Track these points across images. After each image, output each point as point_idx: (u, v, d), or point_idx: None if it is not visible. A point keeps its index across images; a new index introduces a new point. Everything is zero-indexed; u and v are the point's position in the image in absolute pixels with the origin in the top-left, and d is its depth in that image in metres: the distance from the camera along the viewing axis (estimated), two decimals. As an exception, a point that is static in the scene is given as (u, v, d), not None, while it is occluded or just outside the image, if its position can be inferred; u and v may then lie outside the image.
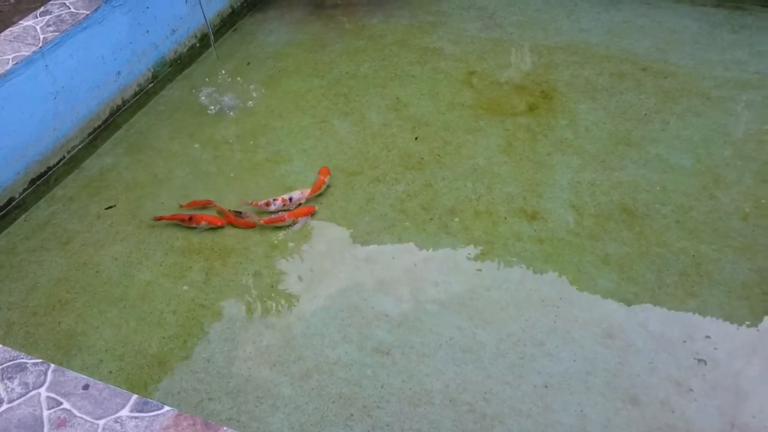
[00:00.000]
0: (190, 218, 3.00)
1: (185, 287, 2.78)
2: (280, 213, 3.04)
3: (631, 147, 3.28)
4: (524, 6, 4.38)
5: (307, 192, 3.10)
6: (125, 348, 2.59)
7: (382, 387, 2.41)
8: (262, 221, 3.00)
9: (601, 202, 3.03)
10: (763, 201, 2.98)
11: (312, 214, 3.04)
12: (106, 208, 3.14)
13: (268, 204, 3.06)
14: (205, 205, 3.11)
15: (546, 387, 2.38)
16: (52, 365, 1.95)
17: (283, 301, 2.72)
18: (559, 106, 3.55)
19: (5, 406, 1.83)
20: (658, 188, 3.07)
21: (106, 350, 2.58)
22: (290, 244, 2.94)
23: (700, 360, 2.43)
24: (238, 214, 3.03)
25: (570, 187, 3.11)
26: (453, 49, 4.02)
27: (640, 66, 3.79)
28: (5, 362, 1.95)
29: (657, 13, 4.21)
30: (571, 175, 3.16)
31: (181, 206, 3.13)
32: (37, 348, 2.60)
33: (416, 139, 3.41)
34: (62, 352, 2.59)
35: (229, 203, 3.13)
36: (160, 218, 3.05)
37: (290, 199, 3.07)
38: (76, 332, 2.65)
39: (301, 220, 3.01)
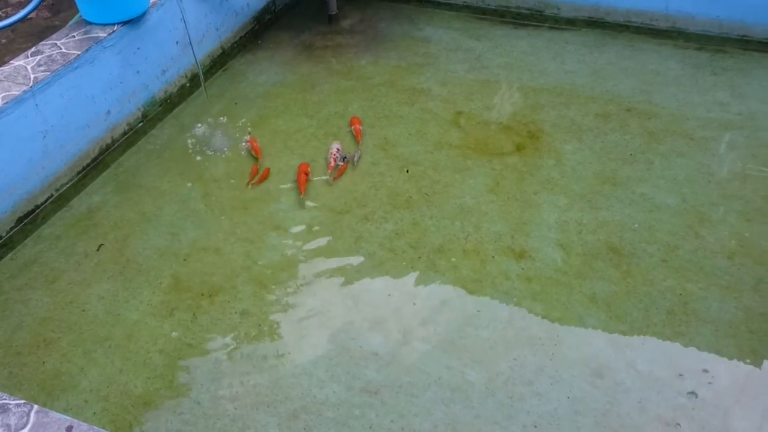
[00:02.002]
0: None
1: (174, 333, 2.76)
2: (339, 165, 3.51)
3: (617, 187, 3.32)
4: (510, 48, 4.46)
5: (337, 145, 3.60)
6: (110, 388, 2.55)
7: (370, 427, 2.39)
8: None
9: (587, 241, 3.05)
10: (748, 240, 3.01)
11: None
12: (97, 249, 3.13)
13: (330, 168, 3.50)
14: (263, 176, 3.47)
15: (535, 427, 2.37)
16: (36, 406, 1.92)
17: (270, 340, 2.71)
18: (545, 146, 3.60)
19: (-13, 448, 1.80)
20: (644, 227, 3.10)
21: (91, 390, 2.55)
22: (279, 283, 2.94)
23: (688, 399, 2.43)
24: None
25: (557, 226, 3.13)
26: (440, 90, 4.08)
27: (625, 107, 3.85)
28: (-12, 403, 1.92)
29: (640, 56, 4.30)
30: (557, 214, 3.19)
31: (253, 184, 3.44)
32: (21, 388, 2.56)
33: (407, 171, 3.44)
34: (46, 392, 2.55)
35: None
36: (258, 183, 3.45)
37: (337, 150, 3.56)
38: (60, 372, 2.62)
39: (356, 153, 3.58)
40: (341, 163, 3.51)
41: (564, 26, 4.67)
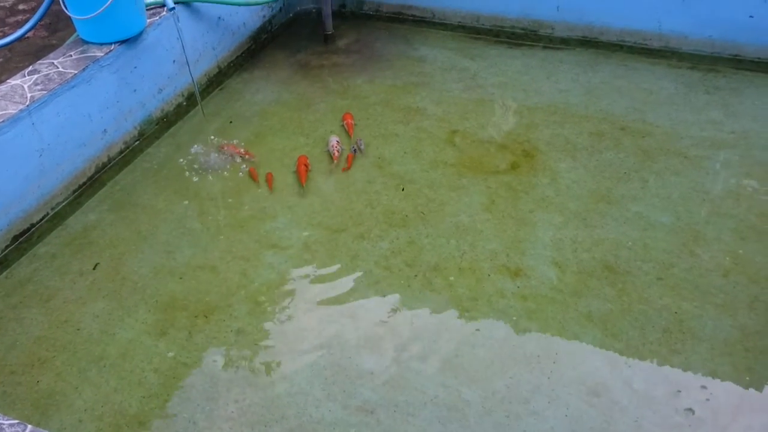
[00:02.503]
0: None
1: (169, 352, 2.75)
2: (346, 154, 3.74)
3: (612, 205, 3.34)
4: (505, 68, 4.49)
5: (335, 138, 3.81)
6: (105, 408, 2.54)
7: (366, 447, 2.38)
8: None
9: (583, 259, 3.06)
10: (742, 258, 3.02)
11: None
12: (93, 268, 3.12)
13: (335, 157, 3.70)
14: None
15: (532, 446, 2.36)
16: (30, 426, 1.91)
17: (266, 359, 2.70)
18: (540, 164, 3.61)
19: (-20, 468, 1.79)
20: (639, 245, 3.11)
21: (85, 410, 2.54)
22: (274, 302, 2.93)
23: (685, 417, 2.43)
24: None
25: (552, 244, 3.14)
26: (436, 109, 4.10)
27: (619, 126, 3.88)
28: (-19, 423, 1.91)
29: (634, 75, 4.34)
30: (553, 232, 3.20)
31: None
32: (14, 408, 2.55)
33: (402, 190, 3.45)
34: (40, 412, 2.53)
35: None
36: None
37: (337, 142, 3.76)
38: (54, 391, 2.61)
39: (359, 141, 3.80)
40: (350, 152, 3.72)
41: (558, 46, 4.71)
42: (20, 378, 2.66)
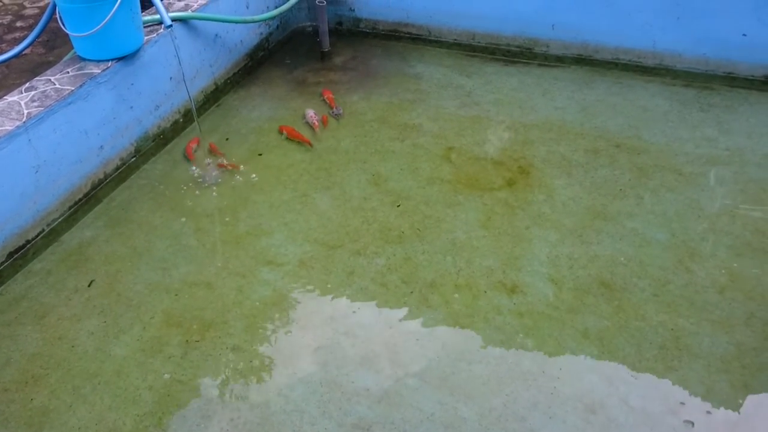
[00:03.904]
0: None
1: (164, 369, 2.74)
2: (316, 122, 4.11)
3: (608, 221, 3.34)
4: (500, 85, 4.52)
5: (311, 110, 4.21)
6: (99, 426, 2.52)
7: (362, 465, 2.36)
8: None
9: (579, 275, 3.06)
10: (738, 274, 3.03)
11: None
12: (88, 285, 3.11)
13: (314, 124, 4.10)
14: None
15: (529, 464, 2.35)
16: (23, 444, 1.90)
17: (262, 376, 2.69)
18: (536, 181, 3.62)
19: (-28, 487, 1.77)
20: (634, 262, 3.11)
21: (79, 428, 2.52)
22: (270, 318, 2.92)
23: (682, 435, 2.42)
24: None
25: (548, 260, 3.14)
26: (432, 126, 4.12)
27: (614, 143, 3.89)
28: (-26, 441, 1.90)
29: (629, 92, 4.36)
30: (549, 249, 3.20)
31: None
32: (8, 426, 2.52)
33: (398, 206, 3.45)
34: (33, 430, 2.51)
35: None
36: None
37: (314, 113, 4.18)
38: (48, 409, 2.59)
39: (338, 108, 4.23)
40: (324, 115, 4.16)
41: (553, 63, 4.74)
42: (14, 395, 2.64)
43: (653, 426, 2.45)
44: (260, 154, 3.90)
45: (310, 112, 4.14)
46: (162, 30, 3.86)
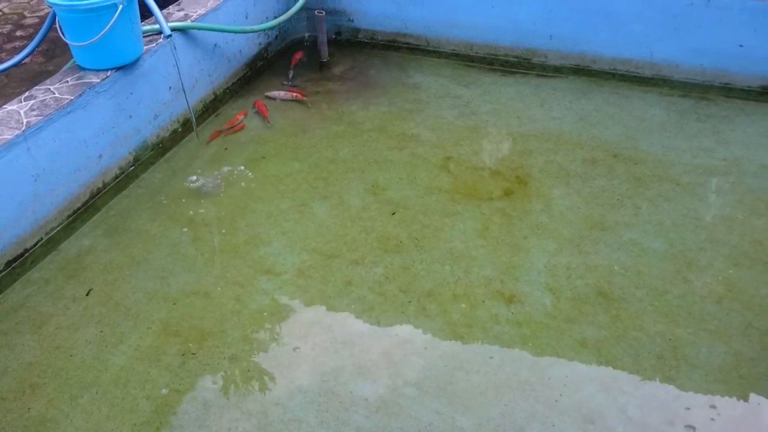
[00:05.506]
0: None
1: (162, 379, 2.74)
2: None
3: (605, 231, 3.35)
4: (498, 95, 4.53)
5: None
6: (96, 435, 2.52)
7: (360, 475, 2.35)
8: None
9: (577, 285, 3.06)
10: (735, 284, 3.03)
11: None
12: (87, 294, 3.11)
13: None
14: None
15: (526, 474, 2.35)
16: (20, 453, 1.89)
17: (259, 386, 2.68)
18: (534, 191, 3.63)
19: (-31, 497, 1.77)
20: (632, 272, 3.12)
21: (76, 437, 2.51)
22: (268, 328, 2.92)
23: (680, 445, 2.42)
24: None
25: (546, 270, 3.15)
26: (430, 136, 4.13)
27: (612, 153, 3.91)
28: (-29, 450, 1.89)
29: (626, 102, 4.38)
30: (547, 258, 3.21)
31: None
32: (4, 435, 2.52)
33: (393, 214, 3.46)
34: (30, 439, 2.51)
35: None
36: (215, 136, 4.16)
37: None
38: (45, 419, 2.58)
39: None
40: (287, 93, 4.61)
41: (551, 74, 4.76)
42: (11, 405, 2.63)
43: (651, 436, 2.45)
44: (262, 157, 3.91)
45: (282, 95, 4.58)
46: (161, 40, 3.88)
